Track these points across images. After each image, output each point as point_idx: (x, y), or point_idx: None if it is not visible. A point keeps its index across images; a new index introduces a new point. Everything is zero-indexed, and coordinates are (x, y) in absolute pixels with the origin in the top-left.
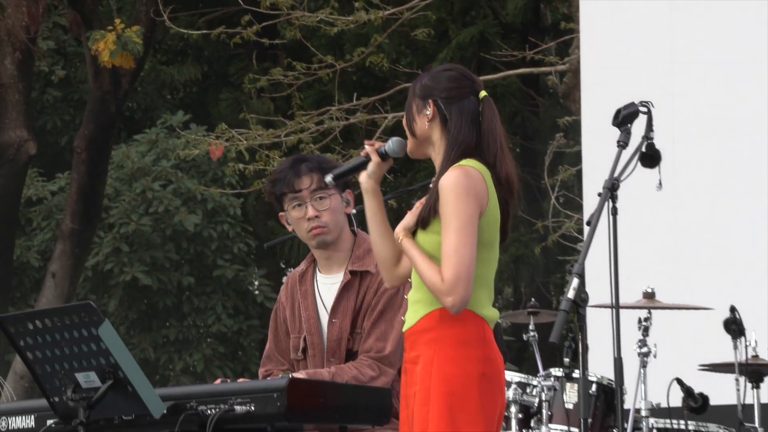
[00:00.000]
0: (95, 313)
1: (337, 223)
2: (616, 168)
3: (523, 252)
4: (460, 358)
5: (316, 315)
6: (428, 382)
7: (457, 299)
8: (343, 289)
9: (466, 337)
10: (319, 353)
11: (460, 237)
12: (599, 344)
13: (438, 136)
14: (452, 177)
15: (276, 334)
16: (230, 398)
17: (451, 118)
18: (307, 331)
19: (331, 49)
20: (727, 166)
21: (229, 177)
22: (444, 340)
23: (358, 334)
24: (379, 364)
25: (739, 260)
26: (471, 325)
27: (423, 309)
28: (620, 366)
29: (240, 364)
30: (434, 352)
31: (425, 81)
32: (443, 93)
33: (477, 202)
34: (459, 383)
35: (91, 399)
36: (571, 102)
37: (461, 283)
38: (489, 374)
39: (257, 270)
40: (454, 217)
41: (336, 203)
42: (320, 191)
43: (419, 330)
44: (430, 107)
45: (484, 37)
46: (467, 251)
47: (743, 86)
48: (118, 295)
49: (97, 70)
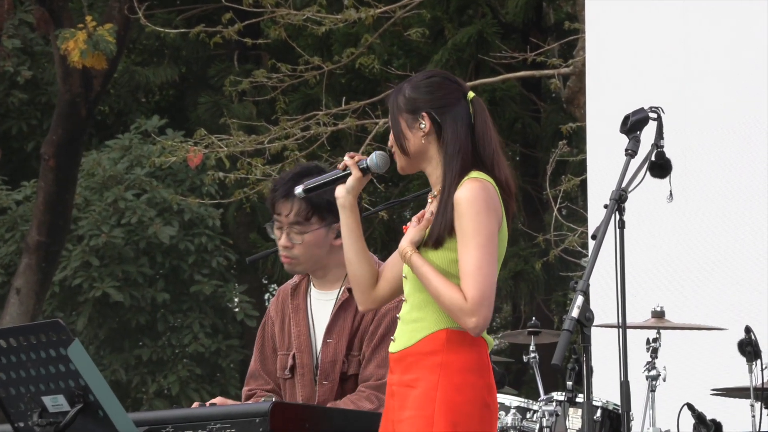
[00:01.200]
0: (64, 332)
1: (310, 257)
2: (624, 178)
3: (522, 267)
4: (467, 386)
5: (308, 332)
6: (431, 410)
7: (481, 320)
8: (340, 308)
9: (472, 364)
10: (308, 373)
11: (484, 254)
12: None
13: (435, 150)
14: (472, 191)
15: (262, 351)
16: (209, 423)
17: (446, 128)
18: (297, 348)
19: (319, 49)
20: (743, 176)
21: (208, 186)
22: (451, 366)
23: (354, 357)
24: (378, 394)
25: (754, 277)
26: (477, 350)
27: (425, 329)
28: (627, 390)
29: (218, 386)
30: (439, 377)
31: (408, 93)
32: (433, 103)
33: (496, 217)
34: (465, 413)
35: (59, 424)
36: (575, 107)
37: (485, 302)
38: (490, 403)
39: (237, 286)
40: (476, 233)
41: (314, 238)
42: (298, 225)
43: (421, 352)
44: (424, 120)
45: (483, 38)
46: (491, 269)
47: (762, 92)
48: (87, 313)
49: (66, 71)
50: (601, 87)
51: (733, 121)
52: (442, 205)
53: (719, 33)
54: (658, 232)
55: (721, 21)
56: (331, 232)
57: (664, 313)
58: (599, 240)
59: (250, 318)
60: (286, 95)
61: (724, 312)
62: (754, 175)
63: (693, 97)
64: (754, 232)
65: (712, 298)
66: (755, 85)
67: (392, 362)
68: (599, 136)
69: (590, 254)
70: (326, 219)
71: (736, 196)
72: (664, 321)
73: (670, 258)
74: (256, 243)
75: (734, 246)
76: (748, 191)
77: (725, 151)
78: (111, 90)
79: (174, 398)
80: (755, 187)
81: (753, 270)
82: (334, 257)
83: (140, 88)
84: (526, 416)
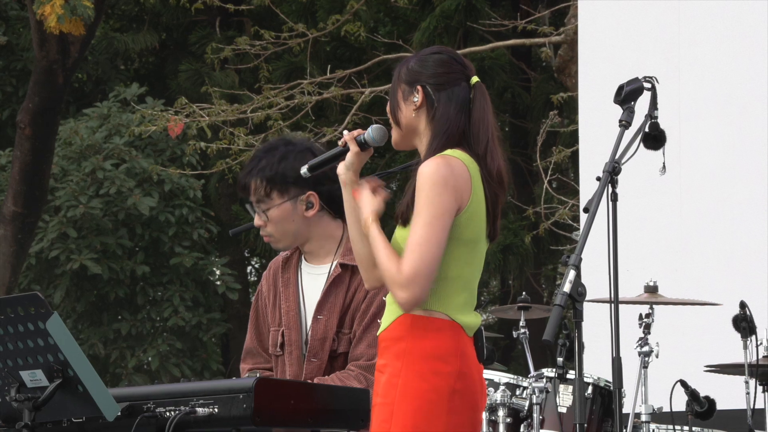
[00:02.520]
0: (43, 306)
1: (284, 232)
2: (618, 149)
3: (511, 241)
4: (430, 373)
5: (297, 308)
6: (392, 396)
7: (410, 296)
8: (332, 284)
9: (438, 351)
10: (296, 350)
11: (428, 230)
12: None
13: (424, 125)
14: (431, 166)
15: (257, 327)
16: (191, 399)
17: (438, 105)
18: (286, 325)
19: (303, 16)
20: (738, 148)
21: (189, 156)
22: (413, 352)
23: (344, 334)
24: (367, 374)
25: (749, 252)
26: (445, 336)
27: (394, 312)
28: (619, 366)
29: (199, 361)
30: (402, 364)
31: (412, 65)
32: (432, 78)
33: (455, 195)
34: (426, 400)
35: (38, 399)
36: (567, 77)
37: (418, 279)
38: (462, 390)
39: (219, 258)
40: (425, 209)
41: (280, 213)
42: (261, 203)
43: (390, 336)
44: (418, 94)
45: (472, 5)
46: (432, 248)
47: (759, 60)
48: (64, 286)
49: (42, 37)
50: (593, 56)
51: (729, 90)
52: (410, 183)
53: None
54: (651, 206)
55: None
56: (299, 204)
57: (657, 288)
58: (592, 213)
59: (232, 291)
60: (270, 63)
61: (719, 287)
62: (750, 147)
63: (687, 66)
64: (750, 206)
65: (707, 273)
66: (751, 52)
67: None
68: (591, 107)
69: (583, 227)
70: (288, 192)
71: (732, 168)
72: (657, 296)
73: (664, 232)
74: (239, 215)
75: (729, 220)
76: (743, 163)
77: (720, 122)
78: (89, 56)
79: (154, 373)
80: (751, 159)
81: (748, 244)
82: (315, 229)
83: (119, 54)
84: (515, 393)
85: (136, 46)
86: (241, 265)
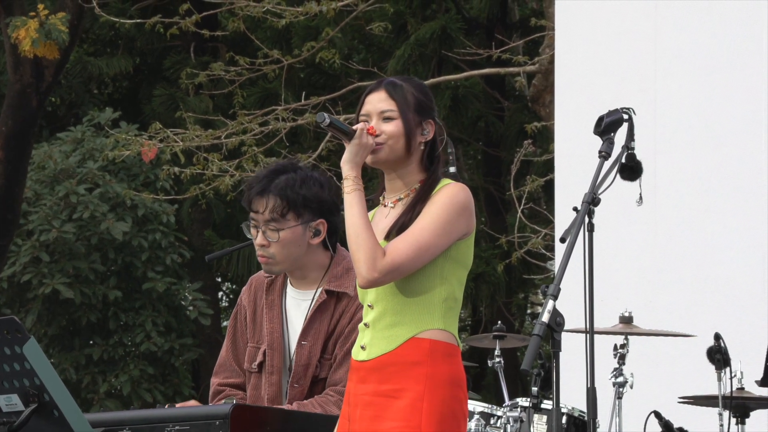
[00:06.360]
0: (20, 330)
1: (287, 256)
2: (597, 180)
3: (484, 269)
4: (452, 400)
5: (281, 331)
6: (418, 420)
7: (379, 282)
8: (317, 310)
9: (457, 377)
10: (277, 372)
11: (432, 238)
12: (571, 372)
13: (420, 156)
14: (455, 189)
15: (234, 340)
16: (167, 425)
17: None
18: (269, 345)
19: (278, 42)
20: (714, 180)
21: (162, 181)
22: (437, 378)
23: (326, 360)
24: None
25: (724, 283)
26: (458, 362)
27: (405, 334)
28: (593, 397)
29: (171, 386)
30: (425, 389)
31: (416, 93)
32: (434, 112)
33: (468, 222)
34: (449, 425)
35: (13, 424)
36: (540, 106)
37: (398, 273)
38: (466, 414)
39: (191, 284)
40: (439, 219)
41: (291, 236)
42: (274, 222)
43: (403, 361)
44: (429, 127)
45: (446, 33)
46: (425, 254)
47: (735, 93)
48: (36, 310)
49: (17, 60)
50: (569, 86)
51: (705, 122)
52: (414, 200)
53: (691, 31)
54: (626, 236)
55: (691, 20)
56: (308, 231)
57: (632, 318)
58: (571, 243)
59: (204, 317)
60: (244, 89)
61: (693, 318)
62: (724, 178)
63: (663, 97)
64: (725, 238)
65: (681, 304)
66: (726, 84)
67: (363, 371)
68: (567, 136)
69: (562, 258)
70: (303, 216)
71: (707, 199)
72: (632, 327)
73: (639, 262)
74: (211, 240)
75: (704, 251)
76: (718, 195)
77: (695, 153)
78: (63, 80)
79: (125, 398)
80: (726, 190)
81: (723, 276)
82: (312, 257)
83: (93, 79)
84: (489, 422)
85: (111, 71)
86: (213, 290)
